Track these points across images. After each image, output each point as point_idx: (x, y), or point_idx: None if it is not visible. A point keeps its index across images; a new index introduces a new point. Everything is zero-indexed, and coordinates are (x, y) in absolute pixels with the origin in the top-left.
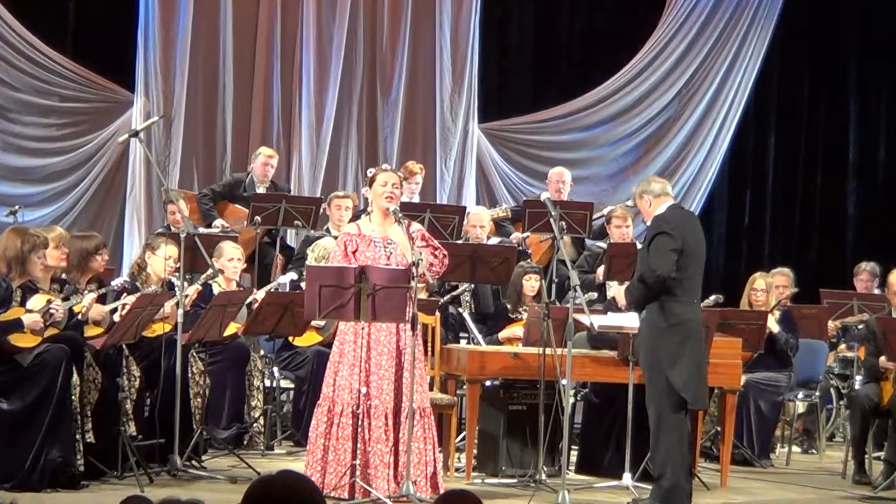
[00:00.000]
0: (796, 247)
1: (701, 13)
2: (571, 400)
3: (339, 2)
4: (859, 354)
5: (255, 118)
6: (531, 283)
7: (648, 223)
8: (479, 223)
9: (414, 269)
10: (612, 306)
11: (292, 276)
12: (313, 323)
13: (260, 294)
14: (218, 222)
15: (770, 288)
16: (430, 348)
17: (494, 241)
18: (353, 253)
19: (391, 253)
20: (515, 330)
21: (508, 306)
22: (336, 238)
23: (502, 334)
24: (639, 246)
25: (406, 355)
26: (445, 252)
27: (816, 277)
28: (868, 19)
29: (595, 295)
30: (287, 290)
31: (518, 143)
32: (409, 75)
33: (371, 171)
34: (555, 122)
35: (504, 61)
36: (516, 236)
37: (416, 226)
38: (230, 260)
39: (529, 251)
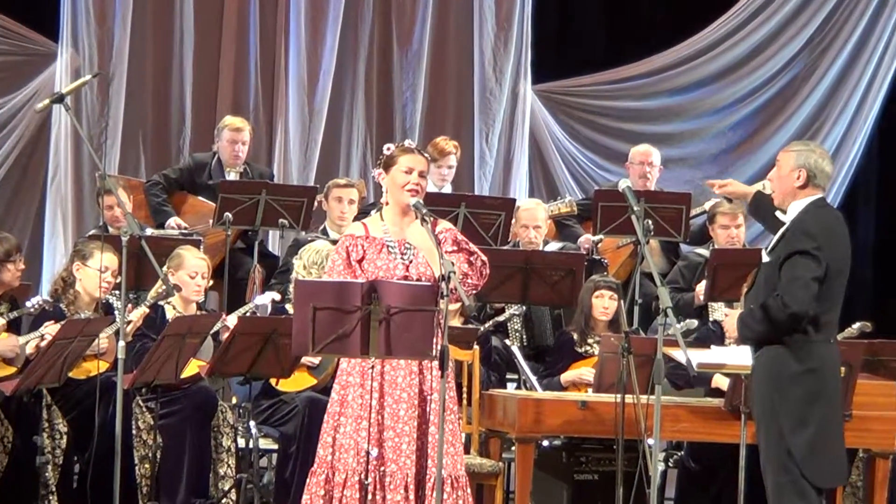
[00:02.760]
0: None
1: None
2: (661, 466)
3: None
4: None
5: (224, 77)
6: (604, 304)
7: (779, 200)
8: (534, 222)
9: (443, 285)
10: (712, 335)
11: (275, 295)
12: (304, 360)
13: (231, 320)
14: (173, 221)
15: None
16: (466, 395)
17: (554, 246)
18: (359, 262)
19: (411, 262)
20: (583, 370)
21: (574, 337)
22: (335, 242)
23: (565, 376)
24: (764, 258)
25: (433, 404)
26: (485, 259)
27: None
28: None
29: (695, 323)
30: (268, 313)
31: (586, 112)
32: (436, 18)
33: (388, 149)
34: (637, 83)
35: (567, 0)
36: (586, 240)
37: (444, 224)
38: (192, 275)
39: (604, 261)
